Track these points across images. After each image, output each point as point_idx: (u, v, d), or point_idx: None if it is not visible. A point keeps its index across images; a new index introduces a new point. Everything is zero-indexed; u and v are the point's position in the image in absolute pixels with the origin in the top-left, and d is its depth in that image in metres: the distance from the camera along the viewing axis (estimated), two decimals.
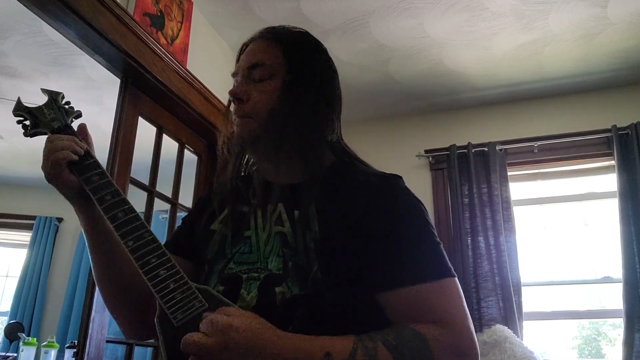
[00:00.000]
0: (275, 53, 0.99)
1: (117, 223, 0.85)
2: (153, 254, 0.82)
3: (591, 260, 3.17)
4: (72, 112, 0.99)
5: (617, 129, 3.03)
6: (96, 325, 1.89)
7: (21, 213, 5.06)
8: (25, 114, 0.96)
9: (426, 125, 3.56)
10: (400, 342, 0.77)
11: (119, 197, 0.87)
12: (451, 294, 0.84)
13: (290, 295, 0.84)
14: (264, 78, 0.98)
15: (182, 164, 2.55)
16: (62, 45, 2.78)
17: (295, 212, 0.93)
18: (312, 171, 0.96)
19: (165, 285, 0.79)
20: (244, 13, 2.61)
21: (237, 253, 0.94)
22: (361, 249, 0.86)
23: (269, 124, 0.95)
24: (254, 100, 0.97)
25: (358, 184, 0.93)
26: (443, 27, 2.69)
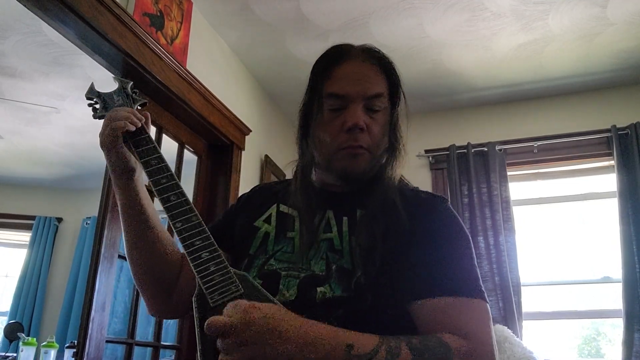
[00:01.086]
0: (385, 83, 1.02)
1: (169, 205, 0.90)
2: (198, 236, 0.87)
3: (591, 260, 3.17)
4: (138, 100, 1.06)
5: (617, 129, 3.03)
6: (96, 325, 1.89)
7: (21, 213, 5.06)
8: (96, 98, 1.03)
9: (426, 125, 3.56)
10: (424, 347, 0.78)
11: (173, 181, 0.93)
12: (481, 314, 0.86)
13: (332, 296, 0.87)
14: (380, 109, 0.99)
15: (182, 164, 2.55)
16: (62, 45, 2.78)
17: (344, 218, 0.96)
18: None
19: (206, 267, 0.83)
20: (244, 13, 2.61)
21: (279, 251, 0.97)
22: (404, 258, 0.89)
23: (377, 155, 1.00)
24: (372, 131, 0.97)
25: (407, 198, 0.97)
26: (443, 28, 2.69)
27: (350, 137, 0.95)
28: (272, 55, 2.94)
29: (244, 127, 2.87)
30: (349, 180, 0.99)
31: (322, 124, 0.99)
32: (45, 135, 4.01)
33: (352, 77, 0.99)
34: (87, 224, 4.92)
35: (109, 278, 1.96)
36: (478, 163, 3.26)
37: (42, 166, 4.61)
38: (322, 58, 1.04)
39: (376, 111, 0.98)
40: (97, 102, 1.03)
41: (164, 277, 1.01)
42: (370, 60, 1.02)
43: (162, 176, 0.93)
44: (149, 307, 1.06)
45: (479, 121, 3.45)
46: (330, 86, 0.99)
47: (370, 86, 0.98)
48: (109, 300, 1.97)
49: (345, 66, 1.00)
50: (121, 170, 0.95)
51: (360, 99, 0.97)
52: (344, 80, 0.99)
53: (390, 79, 1.03)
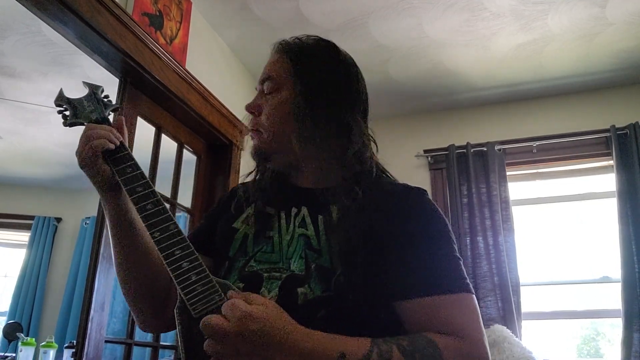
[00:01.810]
0: (283, 65, 1.02)
1: (146, 214, 0.87)
2: (177, 245, 0.84)
3: (590, 260, 3.17)
4: (110, 105, 1.03)
5: (616, 129, 3.03)
6: (95, 325, 1.89)
7: (20, 213, 5.06)
8: (65, 104, 1.00)
9: (425, 125, 3.57)
10: (414, 347, 0.78)
11: (149, 189, 0.90)
12: (467, 309, 0.86)
13: (313, 297, 0.86)
14: (272, 91, 1.01)
15: (181, 164, 2.55)
16: (61, 45, 2.78)
17: (319, 217, 0.95)
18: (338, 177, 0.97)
19: (187, 277, 0.81)
20: (243, 13, 2.61)
21: (259, 252, 0.96)
22: (384, 256, 0.88)
23: (281, 136, 0.98)
24: (265, 113, 1.00)
25: (384, 194, 0.95)
26: (442, 27, 2.69)
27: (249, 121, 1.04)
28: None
29: (243, 126, 2.86)
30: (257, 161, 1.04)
31: None
32: (45, 135, 4.01)
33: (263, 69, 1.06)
34: (86, 224, 4.92)
35: (108, 278, 1.96)
36: (477, 163, 3.27)
37: (41, 166, 4.61)
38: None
39: (268, 94, 1.01)
40: (67, 108, 1.00)
41: (155, 292, 0.99)
42: (278, 48, 1.06)
43: (137, 184, 0.90)
44: (141, 322, 1.03)
45: (478, 121, 3.45)
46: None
47: (264, 72, 1.04)
48: (108, 300, 1.97)
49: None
50: (106, 187, 0.94)
51: (259, 85, 1.04)
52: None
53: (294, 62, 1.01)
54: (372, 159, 1.03)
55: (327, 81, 1.01)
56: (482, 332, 0.84)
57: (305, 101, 0.97)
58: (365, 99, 1.07)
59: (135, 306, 1.01)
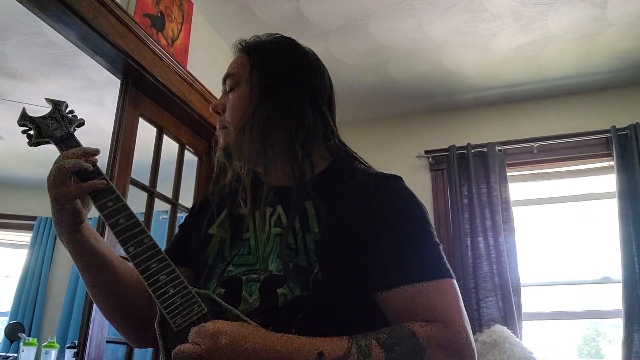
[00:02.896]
0: (242, 62, 1.03)
1: (118, 229, 0.85)
2: (153, 259, 0.82)
3: (590, 260, 3.17)
4: (75, 121, 1.01)
5: (616, 129, 3.03)
6: (96, 326, 1.90)
7: (21, 214, 5.07)
8: (29, 124, 0.98)
9: (426, 126, 3.57)
10: (394, 340, 0.78)
11: (120, 203, 0.87)
12: (448, 294, 0.85)
13: (292, 297, 0.84)
14: (232, 88, 1.02)
15: (183, 164, 2.55)
16: (63, 46, 2.79)
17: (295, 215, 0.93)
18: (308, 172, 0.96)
19: (165, 290, 0.80)
20: (244, 14, 2.61)
21: (237, 255, 0.94)
22: (361, 249, 0.87)
23: (243, 131, 0.96)
24: (227, 110, 1.01)
25: (357, 185, 0.94)
26: (442, 28, 2.70)
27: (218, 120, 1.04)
28: None
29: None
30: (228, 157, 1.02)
31: None
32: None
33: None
34: None
35: None
36: (478, 164, 3.27)
37: (42, 167, 4.61)
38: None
39: (230, 91, 1.02)
40: (31, 128, 0.98)
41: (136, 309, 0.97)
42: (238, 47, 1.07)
43: (108, 199, 0.87)
44: (129, 341, 1.02)
45: (479, 122, 3.46)
46: None
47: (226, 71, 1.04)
48: None
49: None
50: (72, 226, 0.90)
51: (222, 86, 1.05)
52: None
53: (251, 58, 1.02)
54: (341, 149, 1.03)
55: (283, 71, 1.01)
56: (464, 318, 0.83)
57: (261, 91, 0.98)
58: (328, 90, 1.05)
59: (121, 329, 1.00)
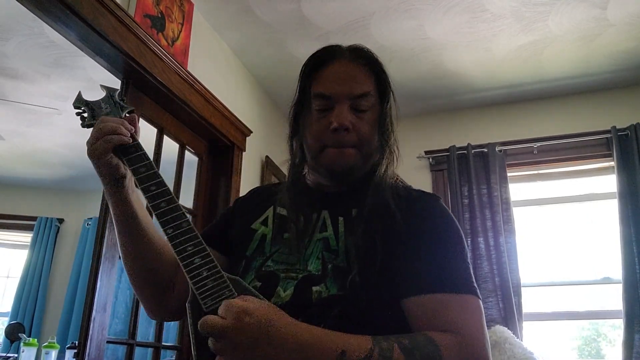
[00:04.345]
0: (372, 82, 1.02)
1: (160, 212, 0.90)
2: (190, 242, 0.86)
3: (591, 261, 3.17)
4: (126, 108, 1.06)
5: (617, 130, 3.03)
6: (97, 326, 1.90)
7: (22, 214, 5.07)
8: (83, 107, 1.03)
9: (426, 126, 3.57)
10: (414, 345, 0.79)
11: (163, 188, 0.93)
12: (472, 310, 0.87)
13: (328, 295, 0.87)
14: (368, 109, 0.99)
15: (183, 165, 2.56)
16: (63, 46, 2.79)
17: (340, 219, 0.97)
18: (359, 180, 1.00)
19: (198, 272, 0.83)
20: (245, 15, 2.61)
21: (276, 252, 0.97)
22: (398, 257, 0.90)
23: (367, 153, 1.00)
24: (359, 131, 0.98)
25: (400, 197, 0.98)
26: (443, 29, 2.70)
27: (336, 137, 0.97)
28: (273, 56, 2.95)
29: (244, 128, 2.88)
30: (337, 177, 1.01)
31: (310, 124, 1.01)
32: (47, 137, 4.02)
33: (339, 77, 1.00)
34: (89, 224, 4.93)
35: (110, 279, 1.97)
36: (478, 164, 3.27)
37: (43, 167, 4.62)
38: (311, 58, 1.05)
39: (363, 111, 0.99)
40: (85, 110, 1.03)
41: (160, 279, 1.02)
42: (357, 59, 1.03)
43: (151, 183, 0.93)
44: (147, 309, 1.07)
45: (479, 122, 3.46)
46: (317, 86, 1.01)
47: (356, 85, 0.99)
48: (110, 301, 1.98)
49: (332, 66, 1.02)
50: (111, 179, 0.95)
51: (346, 99, 0.98)
52: (330, 80, 1.00)
53: (378, 78, 1.03)
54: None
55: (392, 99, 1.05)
56: (485, 334, 0.85)
57: (387, 119, 1.02)
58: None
59: (140, 293, 1.05)
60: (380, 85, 1.03)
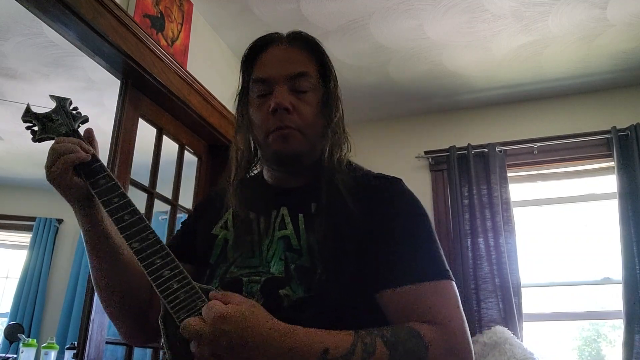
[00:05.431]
0: (312, 63, 0.99)
1: (123, 225, 0.86)
2: (157, 255, 0.83)
3: (591, 261, 3.17)
4: (79, 118, 1.01)
5: (617, 130, 3.03)
6: (96, 327, 1.89)
7: (21, 214, 5.07)
8: (33, 120, 0.98)
9: (426, 126, 3.57)
10: (397, 338, 0.78)
11: (125, 200, 0.88)
12: (447, 296, 0.85)
13: (296, 298, 0.85)
14: (308, 90, 0.96)
15: (182, 165, 2.55)
16: (63, 46, 2.78)
17: (299, 215, 0.94)
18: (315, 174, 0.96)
19: (168, 285, 0.80)
20: (244, 14, 2.61)
21: (239, 257, 0.95)
22: (363, 249, 0.88)
23: (312, 137, 0.95)
24: (301, 113, 0.94)
25: (360, 186, 0.95)
26: (443, 29, 2.70)
27: (277, 119, 0.93)
28: None
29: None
30: (284, 163, 0.97)
31: (253, 113, 0.98)
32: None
33: (276, 59, 0.98)
34: None
35: None
36: (478, 164, 3.26)
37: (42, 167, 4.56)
38: (249, 47, 1.03)
39: (303, 92, 0.95)
40: (36, 124, 0.98)
41: (136, 303, 0.97)
42: (294, 42, 1.00)
43: (113, 195, 0.88)
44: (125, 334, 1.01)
45: (479, 122, 3.45)
46: (255, 73, 0.99)
47: (293, 66, 0.96)
48: None
49: (269, 51, 1.00)
50: (79, 201, 0.91)
51: (284, 80, 0.95)
52: (267, 64, 0.98)
53: (318, 60, 1.00)
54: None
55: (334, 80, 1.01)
56: (462, 319, 0.84)
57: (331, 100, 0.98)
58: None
59: (117, 319, 0.99)
60: (321, 67, 0.99)
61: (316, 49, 1.00)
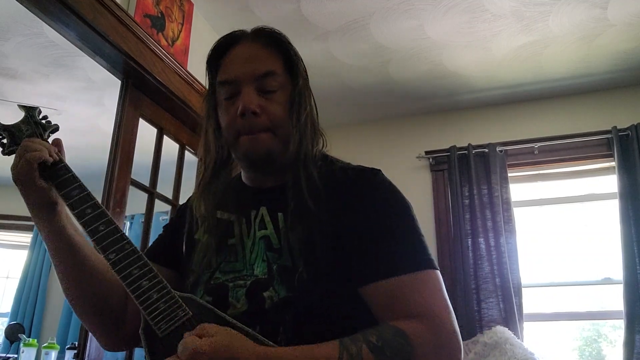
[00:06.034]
0: (279, 60, 0.96)
1: (98, 236, 0.84)
2: (134, 265, 0.81)
3: (591, 261, 3.17)
4: (49, 127, 0.99)
5: (618, 130, 3.03)
6: None
7: (21, 214, 5.06)
8: (2, 132, 0.96)
9: (426, 126, 3.57)
10: (383, 342, 0.77)
11: (99, 210, 0.86)
12: (430, 286, 0.84)
13: (278, 299, 0.84)
14: (276, 89, 0.93)
15: (183, 165, 2.55)
16: (63, 46, 2.78)
17: (279, 214, 0.92)
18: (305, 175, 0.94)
19: (148, 295, 0.79)
20: (244, 14, 2.61)
21: (223, 262, 0.93)
22: (343, 244, 0.86)
23: (283, 135, 0.93)
24: (270, 113, 0.92)
25: (337, 181, 0.93)
26: (443, 29, 2.70)
27: (247, 122, 0.91)
28: None
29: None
30: (256, 165, 0.95)
31: (222, 114, 0.96)
32: None
33: (241, 59, 0.95)
34: None
35: None
36: (479, 164, 3.26)
37: None
38: (214, 47, 1.00)
39: (271, 91, 0.93)
40: (4, 136, 0.95)
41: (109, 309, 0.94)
42: (258, 39, 0.97)
43: (86, 206, 0.86)
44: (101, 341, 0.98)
45: (480, 122, 3.45)
46: (221, 74, 0.97)
47: (259, 65, 0.93)
48: None
49: (233, 51, 0.97)
50: (42, 206, 0.89)
51: (251, 81, 0.92)
52: (232, 64, 0.95)
53: (284, 55, 0.96)
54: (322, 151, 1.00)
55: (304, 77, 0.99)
56: (447, 308, 0.82)
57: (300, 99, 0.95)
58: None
59: (92, 326, 0.97)
60: (287, 63, 0.96)
61: (281, 44, 0.97)
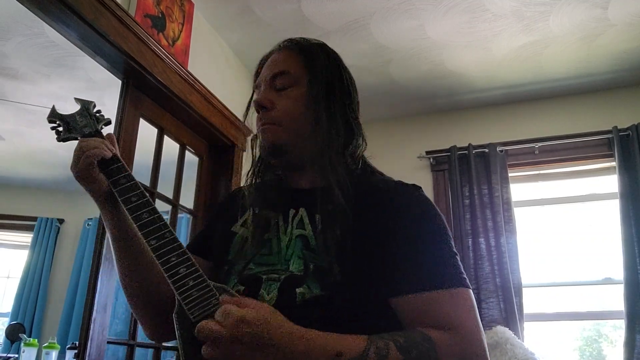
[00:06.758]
0: (297, 62, 1.04)
1: (141, 223, 0.89)
2: (174, 252, 0.85)
3: (592, 261, 3.16)
4: (102, 120, 1.06)
5: (618, 130, 3.03)
6: (97, 326, 1.89)
7: (22, 214, 5.07)
8: (58, 121, 1.03)
9: (427, 126, 3.57)
10: (410, 343, 0.79)
11: (144, 199, 0.92)
12: (463, 304, 0.86)
13: (310, 296, 0.87)
14: (288, 86, 1.02)
15: (183, 165, 2.55)
16: (63, 46, 2.79)
17: (317, 216, 0.95)
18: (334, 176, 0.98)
19: (184, 282, 0.82)
20: (245, 15, 2.61)
21: (258, 255, 0.97)
22: (380, 253, 0.89)
23: (295, 130, 1.00)
24: (279, 107, 1.00)
25: (379, 191, 0.97)
26: (444, 29, 2.70)
27: (259, 116, 1.03)
28: None
29: (245, 128, 2.87)
30: (270, 156, 1.03)
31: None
32: (47, 137, 4.01)
33: (265, 66, 1.07)
34: (89, 225, 4.93)
35: (110, 279, 1.96)
36: (479, 164, 3.26)
37: (43, 167, 4.62)
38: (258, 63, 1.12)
39: (282, 89, 1.02)
40: (60, 124, 1.03)
41: (160, 301, 0.99)
42: (286, 47, 1.08)
43: (132, 194, 0.92)
44: (149, 331, 1.04)
45: (480, 122, 3.45)
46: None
47: (274, 68, 1.04)
48: (111, 301, 1.97)
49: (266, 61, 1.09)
50: (104, 198, 0.95)
51: (267, 81, 1.04)
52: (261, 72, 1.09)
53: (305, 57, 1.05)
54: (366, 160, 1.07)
55: (336, 80, 1.05)
56: (479, 327, 0.84)
57: (321, 97, 1.00)
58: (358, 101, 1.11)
59: (142, 317, 1.03)
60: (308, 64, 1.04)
61: (306, 48, 1.06)
